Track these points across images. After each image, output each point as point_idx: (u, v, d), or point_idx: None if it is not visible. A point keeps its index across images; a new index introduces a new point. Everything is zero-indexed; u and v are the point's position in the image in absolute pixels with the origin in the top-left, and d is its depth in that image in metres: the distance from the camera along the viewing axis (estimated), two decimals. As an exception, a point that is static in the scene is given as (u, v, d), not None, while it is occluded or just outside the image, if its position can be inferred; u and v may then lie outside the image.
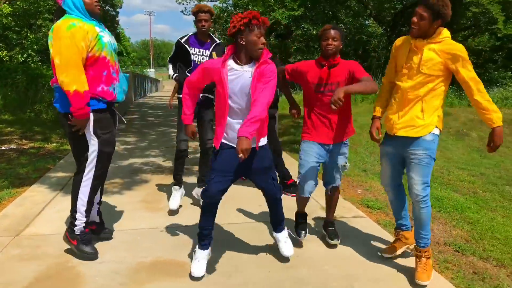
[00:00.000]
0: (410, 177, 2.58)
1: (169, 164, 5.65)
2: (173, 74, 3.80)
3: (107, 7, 32.69)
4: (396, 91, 2.61)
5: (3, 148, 6.54)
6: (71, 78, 2.45)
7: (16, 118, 9.71)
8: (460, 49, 2.41)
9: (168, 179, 4.85)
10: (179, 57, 3.71)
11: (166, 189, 4.43)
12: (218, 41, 3.76)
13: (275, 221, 2.85)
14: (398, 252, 2.85)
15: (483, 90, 2.41)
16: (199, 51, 3.66)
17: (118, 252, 2.89)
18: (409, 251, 2.90)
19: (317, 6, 18.07)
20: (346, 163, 2.99)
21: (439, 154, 7.74)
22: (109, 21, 31.94)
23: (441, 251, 3.09)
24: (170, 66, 3.83)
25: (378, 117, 2.78)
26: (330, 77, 2.76)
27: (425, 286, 2.52)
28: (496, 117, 2.38)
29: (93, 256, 2.76)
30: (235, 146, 2.38)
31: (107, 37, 2.66)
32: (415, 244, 2.68)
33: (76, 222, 2.76)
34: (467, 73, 2.40)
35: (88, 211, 2.79)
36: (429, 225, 2.63)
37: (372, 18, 19.48)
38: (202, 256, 2.62)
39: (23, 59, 20.34)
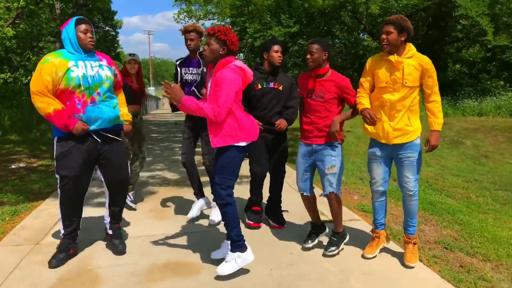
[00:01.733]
0: (403, 176, 2.98)
1: (174, 177, 5.90)
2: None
3: (107, 28, 33.36)
4: (382, 104, 2.93)
5: (13, 166, 6.79)
6: (46, 103, 2.78)
7: (23, 138, 10.00)
8: (429, 61, 2.85)
9: (174, 191, 5.11)
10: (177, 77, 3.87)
11: (173, 200, 4.69)
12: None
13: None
14: (378, 251, 3.13)
15: (437, 98, 2.88)
16: (189, 69, 3.78)
17: (132, 256, 3.14)
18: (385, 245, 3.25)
19: (312, 22, 18.56)
20: (333, 166, 3.03)
21: (434, 161, 8.00)
22: (109, 41, 32.59)
23: (431, 248, 3.33)
24: None
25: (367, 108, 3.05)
26: (316, 86, 3.06)
27: (413, 267, 2.92)
28: (437, 123, 2.87)
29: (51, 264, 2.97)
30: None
31: (78, 72, 2.83)
32: (403, 235, 3.10)
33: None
34: (432, 81, 2.85)
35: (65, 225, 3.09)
36: (416, 215, 3.05)
37: (366, 33, 19.97)
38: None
39: (26, 80, 20.78)
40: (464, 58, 20.08)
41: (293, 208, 4.23)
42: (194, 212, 3.85)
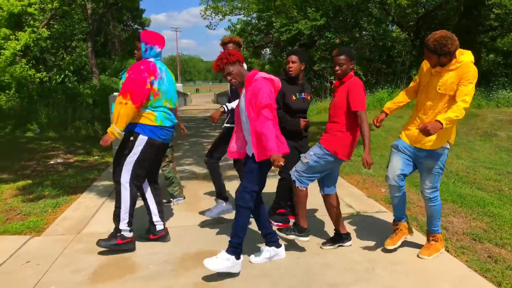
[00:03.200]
0: (422, 181, 3.04)
1: (203, 171, 6.08)
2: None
3: (136, 26, 34.16)
4: (417, 106, 2.99)
5: (51, 162, 7.15)
6: None
7: (59, 135, 10.46)
8: (469, 71, 2.75)
9: (203, 185, 5.27)
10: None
11: (202, 193, 4.85)
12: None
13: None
14: (398, 243, 3.12)
15: (462, 104, 2.67)
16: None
17: (166, 246, 3.31)
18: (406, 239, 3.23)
19: (339, 15, 18.34)
20: (305, 157, 3.07)
21: (465, 154, 7.84)
22: (138, 39, 33.36)
23: (458, 239, 3.34)
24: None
25: (385, 112, 3.19)
26: (336, 92, 3.13)
27: (425, 259, 3.01)
28: (442, 118, 2.62)
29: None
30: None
31: None
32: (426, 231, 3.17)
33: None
34: (463, 90, 2.72)
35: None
36: (437, 218, 3.07)
37: (395, 24, 19.57)
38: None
39: (60, 79, 21.61)
40: (499, 48, 19.36)
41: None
42: (213, 213, 3.85)
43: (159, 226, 3.38)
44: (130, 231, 3.19)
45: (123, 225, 3.16)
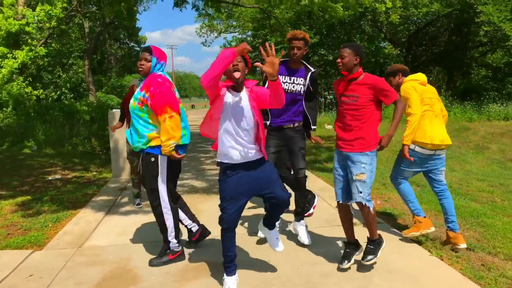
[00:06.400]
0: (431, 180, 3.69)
1: (202, 185, 6.15)
2: None
3: (132, 44, 34.48)
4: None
5: (50, 178, 7.19)
6: None
7: (57, 151, 10.49)
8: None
9: (203, 198, 5.34)
10: None
11: (202, 206, 4.92)
12: (312, 69, 3.61)
13: (273, 221, 2.97)
14: (417, 234, 3.57)
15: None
16: (290, 79, 3.51)
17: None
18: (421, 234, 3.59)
19: (332, 32, 18.70)
20: (363, 173, 2.94)
21: (458, 166, 7.98)
22: (134, 57, 33.68)
23: (453, 249, 3.42)
24: None
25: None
26: (349, 90, 3.03)
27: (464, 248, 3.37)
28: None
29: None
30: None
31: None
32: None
33: None
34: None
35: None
36: (449, 212, 3.54)
37: (387, 41, 19.98)
38: (232, 282, 2.79)
39: (57, 96, 21.68)
40: (488, 63, 19.80)
41: (317, 211, 4.39)
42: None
43: (194, 228, 3.54)
44: (178, 245, 3.31)
45: (172, 241, 3.28)
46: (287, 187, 3.08)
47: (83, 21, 20.21)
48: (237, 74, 2.64)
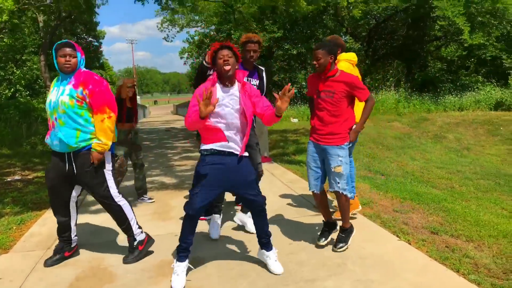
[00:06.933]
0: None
1: (171, 181, 6.09)
2: None
3: (90, 39, 33.28)
4: None
5: (8, 179, 6.88)
6: None
7: (14, 151, 10.03)
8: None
9: (173, 193, 5.30)
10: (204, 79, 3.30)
11: (173, 202, 4.88)
12: (262, 68, 3.77)
13: (262, 235, 2.97)
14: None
15: None
16: (247, 79, 3.61)
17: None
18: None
19: (295, 27, 18.89)
20: (339, 166, 3.15)
21: (419, 156, 8.34)
22: (92, 52, 32.52)
23: (419, 233, 3.60)
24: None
25: None
26: (326, 87, 3.20)
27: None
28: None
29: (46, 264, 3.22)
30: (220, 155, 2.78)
31: (51, 96, 3.00)
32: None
33: None
34: None
35: (59, 228, 3.29)
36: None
37: (348, 35, 20.43)
38: (181, 268, 2.81)
39: (11, 93, 20.67)
40: (443, 56, 20.71)
41: (290, 204, 4.47)
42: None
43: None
44: (141, 230, 3.31)
45: (136, 230, 3.25)
46: None
47: (36, 14, 19.28)
48: (227, 67, 2.70)
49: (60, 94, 2.94)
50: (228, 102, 2.75)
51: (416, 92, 16.58)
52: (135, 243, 3.24)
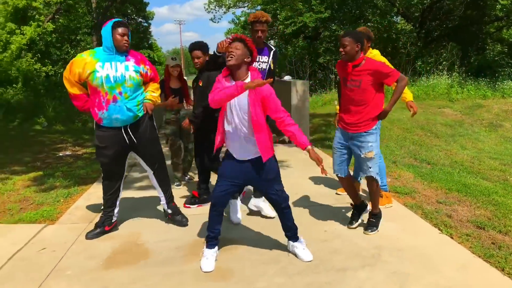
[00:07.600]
0: None
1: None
2: None
3: (139, 19, 34.09)
4: None
5: (60, 154, 7.27)
6: (69, 85, 3.16)
7: (67, 128, 10.59)
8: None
9: (214, 176, 5.34)
10: None
11: (211, 185, 4.93)
12: (273, 48, 3.72)
13: (287, 230, 2.97)
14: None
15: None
16: (260, 57, 3.58)
17: (176, 233, 3.41)
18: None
19: (343, 7, 18.26)
20: (371, 151, 3.14)
21: (470, 145, 7.87)
22: (142, 33, 33.33)
23: (463, 227, 3.40)
24: None
25: None
26: (352, 76, 3.15)
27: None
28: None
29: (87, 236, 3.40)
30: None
31: (102, 72, 3.04)
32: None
33: None
34: None
35: (105, 203, 3.46)
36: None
37: (400, 15, 19.46)
38: (210, 253, 2.89)
39: (66, 73, 21.68)
40: (504, 38, 19.22)
41: (328, 191, 4.38)
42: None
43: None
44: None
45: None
46: None
47: (90, -5, 19.96)
48: (228, 60, 2.62)
49: (125, 70, 3.11)
50: (236, 98, 2.65)
51: (471, 76, 15.57)
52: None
